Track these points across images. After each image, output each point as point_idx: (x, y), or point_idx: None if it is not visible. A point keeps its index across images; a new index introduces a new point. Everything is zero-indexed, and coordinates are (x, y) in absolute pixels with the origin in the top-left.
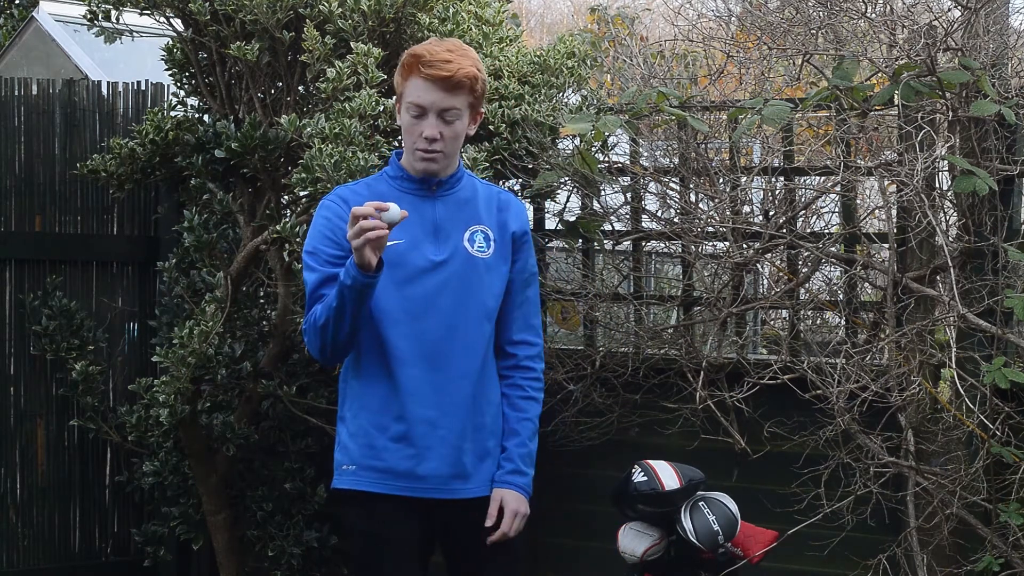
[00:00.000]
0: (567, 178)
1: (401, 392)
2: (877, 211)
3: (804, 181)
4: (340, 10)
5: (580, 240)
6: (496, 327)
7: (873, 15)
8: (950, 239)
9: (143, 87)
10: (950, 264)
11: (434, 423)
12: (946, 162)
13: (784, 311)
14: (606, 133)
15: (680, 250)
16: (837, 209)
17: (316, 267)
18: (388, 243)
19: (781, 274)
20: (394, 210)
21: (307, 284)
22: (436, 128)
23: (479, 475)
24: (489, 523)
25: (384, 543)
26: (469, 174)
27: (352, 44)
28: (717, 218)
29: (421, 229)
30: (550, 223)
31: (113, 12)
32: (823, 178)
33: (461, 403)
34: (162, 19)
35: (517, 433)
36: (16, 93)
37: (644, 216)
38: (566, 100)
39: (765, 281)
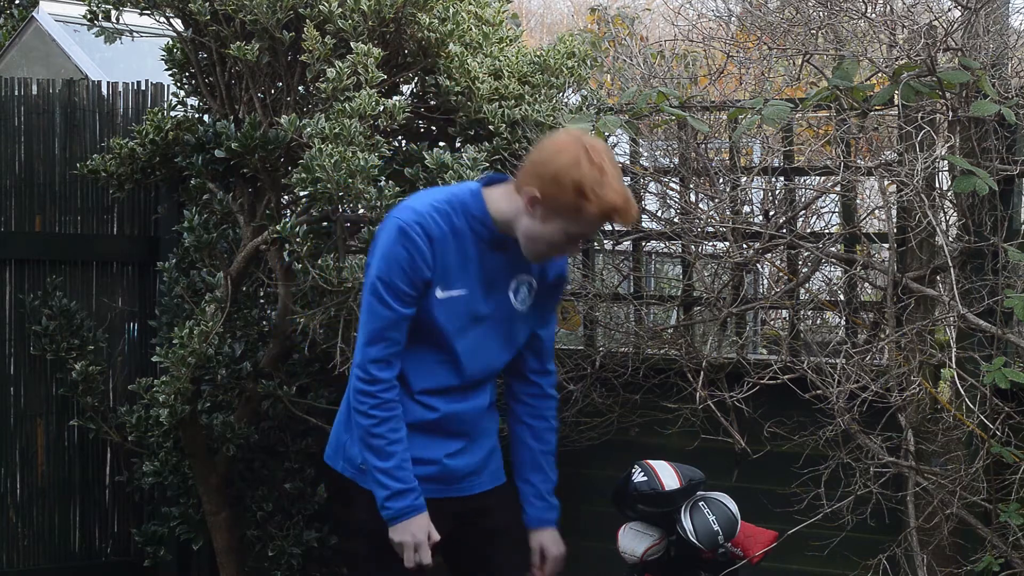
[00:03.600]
0: None
1: (438, 431)
2: (877, 211)
3: (804, 181)
4: (340, 10)
5: None
6: (522, 355)
7: (873, 15)
8: (950, 239)
9: (143, 87)
10: (950, 264)
11: (462, 453)
12: (946, 162)
13: (784, 311)
14: (606, 133)
15: (680, 250)
16: (837, 209)
17: (391, 303)
18: (452, 292)
19: (781, 274)
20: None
21: (374, 316)
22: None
23: (487, 470)
24: (535, 569)
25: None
26: None
27: (352, 44)
28: (717, 218)
29: (479, 280)
30: None
31: (113, 12)
32: (823, 178)
33: (480, 424)
34: (162, 19)
35: (542, 469)
36: (16, 93)
37: (644, 216)
38: (566, 100)
39: (765, 281)
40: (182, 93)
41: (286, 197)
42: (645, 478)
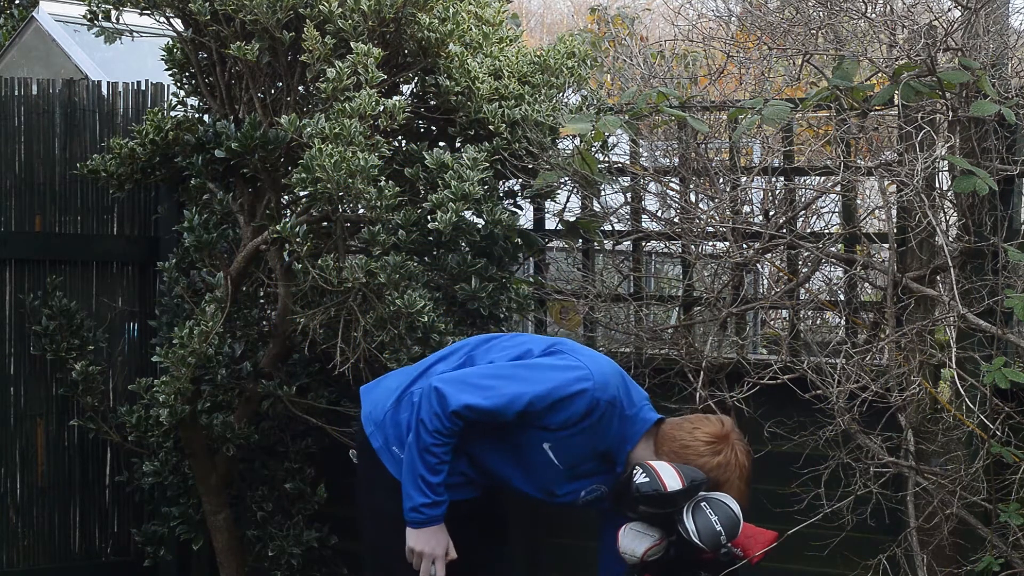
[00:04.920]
0: (567, 178)
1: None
2: (877, 211)
3: (804, 181)
4: (340, 10)
5: (580, 240)
6: None
7: (873, 15)
8: (950, 239)
9: (143, 87)
10: (950, 264)
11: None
12: (946, 162)
13: (784, 311)
14: (606, 133)
15: (680, 250)
16: (837, 209)
17: (511, 414)
18: (552, 456)
19: (781, 274)
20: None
21: (498, 399)
22: None
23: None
24: None
25: None
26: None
27: (352, 44)
28: (717, 218)
29: (574, 472)
30: (550, 223)
31: (113, 12)
32: (823, 178)
33: None
34: (162, 19)
35: None
36: (16, 93)
37: (644, 216)
38: (566, 100)
39: (765, 281)
40: (182, 93)
41: (286, 197)
42: (647, 479)
